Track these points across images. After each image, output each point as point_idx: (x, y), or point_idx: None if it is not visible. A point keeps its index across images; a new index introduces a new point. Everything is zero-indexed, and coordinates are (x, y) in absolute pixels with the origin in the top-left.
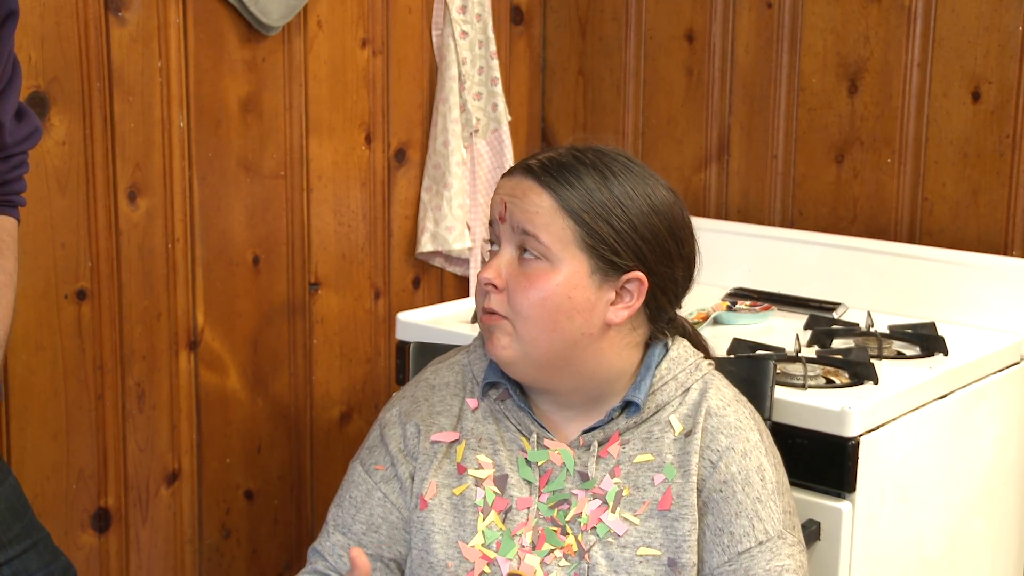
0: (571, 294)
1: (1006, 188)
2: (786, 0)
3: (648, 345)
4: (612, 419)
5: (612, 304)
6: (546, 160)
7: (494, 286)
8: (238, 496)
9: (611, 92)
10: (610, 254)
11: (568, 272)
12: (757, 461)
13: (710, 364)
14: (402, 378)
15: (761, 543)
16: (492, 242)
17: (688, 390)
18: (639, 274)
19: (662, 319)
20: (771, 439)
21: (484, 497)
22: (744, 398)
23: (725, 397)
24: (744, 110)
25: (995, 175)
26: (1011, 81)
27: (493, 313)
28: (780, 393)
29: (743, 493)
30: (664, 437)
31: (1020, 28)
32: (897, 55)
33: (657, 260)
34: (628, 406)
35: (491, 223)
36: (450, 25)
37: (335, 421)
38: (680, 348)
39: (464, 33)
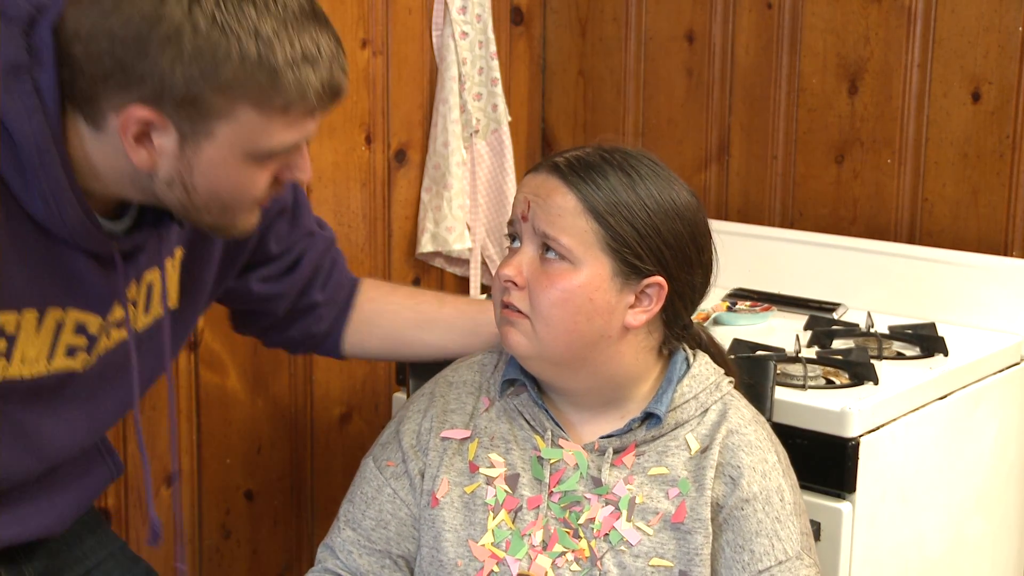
0: (592, 296)
1: (1006, 189)
2: (786, 0)
3: (666, 353)
4: (631, 429)
5: (631, 307)
6: (573, 159)
7: (514, 283)
8: (238, 496)
9: (611, 93)
10: (633, 257)
11: (590, 273)
12: (776, 482)
13: (730, 382)
14: (402, 378)
15: (781, 562)
16: (513, 238)
17: (707, 411)
18: (660, 279)
19: (678, 325)
20: (788, 460)
21: (495, 496)
22: (763, 419)
23: (745, 417)
24: (744, 110)
25: (995, 175)
26: (1011, 81)
27: (513, 309)
28: (780, 393)
29: (763, 512)
30: (680, 454)
31: (1020, 28)
32: (897, 55)
33: (678, 266)
34: (648, 418)
35: (512, 221)
36: (450, 26)
37: (335, 421)
38: (702, 365)
39: (464, 34)
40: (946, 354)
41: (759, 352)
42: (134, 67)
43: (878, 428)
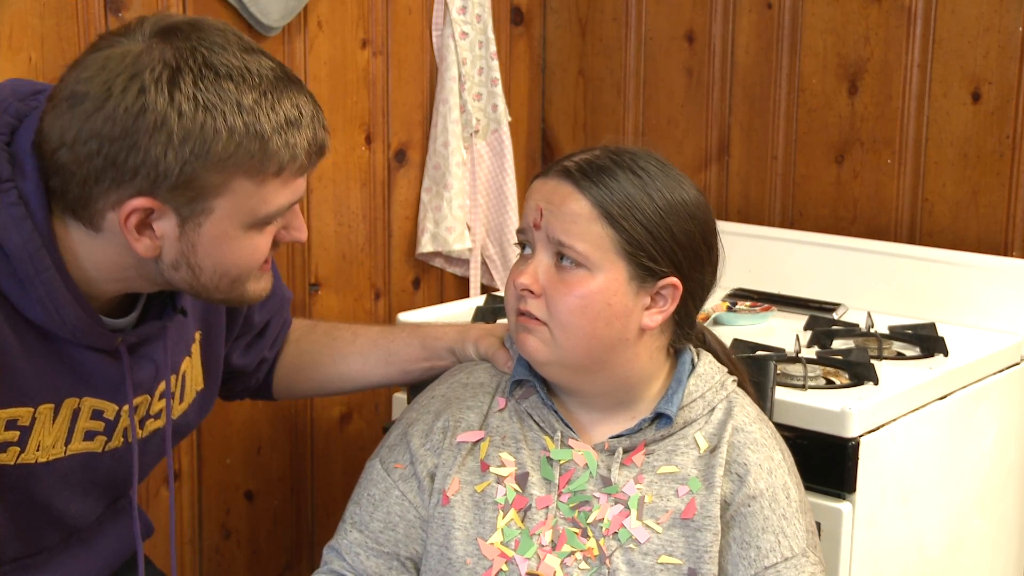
0: (610, 300)
1: (1006, 189)
2: (786, 1)
3: (674, 353)
4: (640, 429)
5: (647, 309)
6: (584, 163)
7: (531, 292)
8: (238, 496)
9: (611, 93)
10: (648, 260)
11: (607, 279)
12: (782, 479)
13: (734, 380)
14: None
15: (787, 559)
16: (524, 245)
17: (713, 409)
18: (675, 280)
19: (687, 323)
20: (792, 459)
21: (505, 495)
22: (766, 417)
23: (750, 415)
24: (744, 111)
25: (995, 176)
26: (1011, 82)
27: (530, 317)
28: (780, 394)
29: (769, 509)
30: (689, 453)
31: (1020, 28)
32: (897, 55)
33: (690, 265)
34: (658, 418)
35: (523, 229)
36: (450, 26)
37: (335, 421)
38: (706, 364)
39: (464, 34)
40: (946, 354)
41: (759, 352)
42: (126, 161)
43: (878, 428)
